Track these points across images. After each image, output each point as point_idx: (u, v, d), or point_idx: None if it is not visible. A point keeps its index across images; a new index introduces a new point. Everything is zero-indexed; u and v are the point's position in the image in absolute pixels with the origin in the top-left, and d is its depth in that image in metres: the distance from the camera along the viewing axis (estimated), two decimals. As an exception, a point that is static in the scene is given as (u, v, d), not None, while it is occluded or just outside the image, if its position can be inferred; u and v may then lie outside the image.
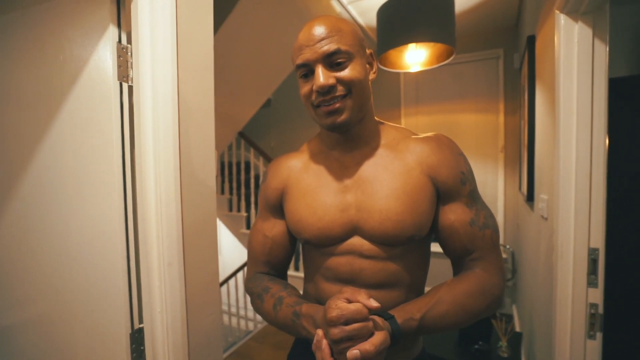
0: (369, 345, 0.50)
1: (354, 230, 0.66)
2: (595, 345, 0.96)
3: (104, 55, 0.80)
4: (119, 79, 0.80)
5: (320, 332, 0.54)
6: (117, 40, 0.80)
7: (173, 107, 0.82)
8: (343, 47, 0.60)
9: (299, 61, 0.63)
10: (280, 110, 4.13)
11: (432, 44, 2.01)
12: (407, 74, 3.36)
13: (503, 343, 1.65)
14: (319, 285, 0.70)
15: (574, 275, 0.96)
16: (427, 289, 0.71)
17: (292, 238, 0.77)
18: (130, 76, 0.82)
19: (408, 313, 0.58)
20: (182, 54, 0.85)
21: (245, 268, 3.37)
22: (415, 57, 2.10)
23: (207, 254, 0.91)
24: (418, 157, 0.66)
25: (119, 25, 0.82)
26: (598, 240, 0.94)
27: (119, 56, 0.80)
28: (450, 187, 0.65)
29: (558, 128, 0.98)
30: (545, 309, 1.29)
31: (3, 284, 1.01)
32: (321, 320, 0.55)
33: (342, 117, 0.62)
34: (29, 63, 0.90)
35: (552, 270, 1.06)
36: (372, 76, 0.68)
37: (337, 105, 0.61)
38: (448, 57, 1.88)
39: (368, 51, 0.68)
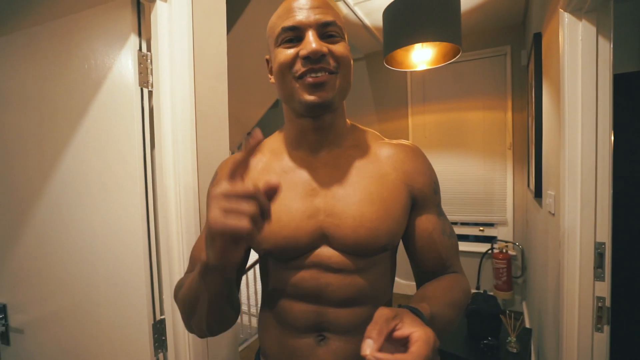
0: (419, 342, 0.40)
1: (322, 238, 0.58)
2: (602, 338, 0.98)
3: (126, 62, 0.85)
4: (140, 85, 0.85)
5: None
6: (137, 48, 0.85)
7: (190, 110, 0.86)
8: (338, 22, 0.55)
9: (288, 23, 0.53)
10: (288, 110, 4.17)
11: (438, 42, 2.03)
12: (413, 73, 3.37)
13: (512, 338, 1.66)
14: (280, 305, 0.61)
15: (580, 269, 0.98)
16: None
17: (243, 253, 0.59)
18: (150, 82, 0.87)
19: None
20: (198, 60, 0.90)
21: (256, 266, 3.43)
22: (421, 56, 2.12)
23: (224, 250, 0.95)
24: (393, 163, 0.61)
25: (139, 34, 0.87)
26: (604, 234, 0.96)
27: (139, 63, 0.85)
28: (426, 195, 0.62)
29: (563, 124, 1.00)
30: (554, 304, 1.31)
31: (34, 278, 1.08)
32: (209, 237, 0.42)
33: (327, 94, 0.54)
34: (57, 72, 0.96)
35: (559, 265, 1.07)
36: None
37: (324, 77, 0.53)
38: (454, 56, 1.89)
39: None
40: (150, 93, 0.88)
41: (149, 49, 0.88)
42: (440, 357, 1.99)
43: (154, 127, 0.88)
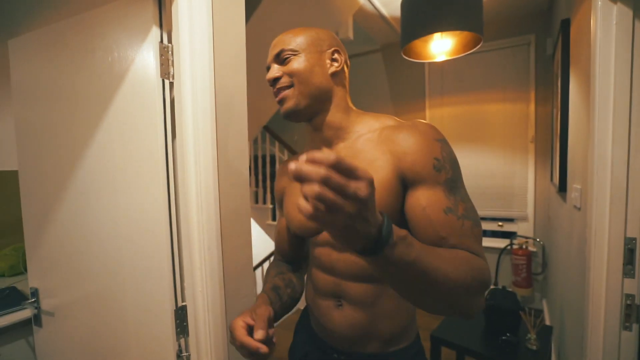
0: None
1: None
2: (631, 337, 0.94)
3: (148, 54, 0.86)
4: (161, 76, 0.86)
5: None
6: (159, 40, 0.87)
7: (211, 101, 0.87)
8: (287, 47, 0.69)
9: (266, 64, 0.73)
10: (303, 104, 4.17)
11: (458, 32, 1.97)
12: (431, 64, 3.29)
13: (532, 335, 1.63)
14: (312, 272, 0.77)
15: (608, 266, 0.94)
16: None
17: (290, 233, 0.82)
18: (172, 73, 0.88)
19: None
20: (217, 51, 0.90)
21: (272, 258, 3.48)
22: (440, 46, 2.06)
23: (242, 239, 0.97)
24: (388, 147, 0.64)
25: (160, 26, 0.88)
26: (635, 229, 0.92)
27: (161, 55, 0.86)
28: (418, 172, 0.61)
29: (593, 115, 0.96)
30: (577, 301, 1.27)
31: (63, 264, 1.12)
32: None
33: (287, 105, 0.68)
34: (82, 65, 0.99)
35: (585, 261, 1.04)
36: (332, 69, 0.70)
37: (282, 94, 0.68)
38: (475, 46, 1.83)
39: (331, 49, 0.71)
40: (171, 84, 0.89)
41: (169, 41, 0.89)
42: (457, 351, 1.97)
43: (174, 118, 0.89)
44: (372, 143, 0.67)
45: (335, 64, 0.70)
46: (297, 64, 0.67)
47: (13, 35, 1.15)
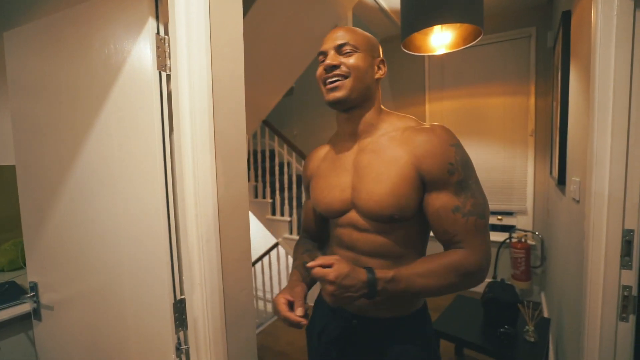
0: (334, 269, 0.64)
1: (351, 205, 0.79)
2: (627, 328, 0.95)
3: (144, 46, 0.85)
4: (158, 69, 0.86)
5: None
6: (155, 31, 0.86)
7: (208, 93, 0.86)
8: (351, 42, 0.76)
9: (320, 49, 0.79)
10: (302, 98, 4.15)
11: (458, 25, 1.95)
12: (431, 57, 3.27)
13: (530, 327, 1.64)
14: (333, 249, 0.87)
15: (606, 257, 0.94)
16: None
17: (317, 213, 0.93)
18: (168, 65, 0.87)
19: (385, 269, 0.69)
20: (215, 43, 0.89)
21: (271, 253, 3.49)
22: (440, 39, 2.04)
23: (241, 232, 0.97)
24: (409, 147, 0.73)
25: (157, 18, 0.87)
26: (633, 221, 0.92)
27: (157, 47, 0.86)
28: (435, 176, 0.70)
29: (593, 107, 0.95)
30: (575, 293, 1.27)
31: (62, 259, 1.13)
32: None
33: (339, 93, 0.75)
34: (79, 58, 0.98)
35: (583, 253, 1.04)
36: (378, 75, 0.80)
37: (337, 83, 0.75)
38: (475, 38, 1.82)
39: (380, 58, 0.81)
40: (168, 77, 0.88)
41: (166, 33, 0.88)
42: (456, 343, 1.99)
43: (172, 111, 0.89)
44: (395, 141, 0.76)
45: (380, 72, 0.81)
46: (358, 60, 0.75)
47: (8, 27, 1.14)
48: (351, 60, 0.75)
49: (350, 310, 0.81)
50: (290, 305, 0.75)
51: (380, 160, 0.75)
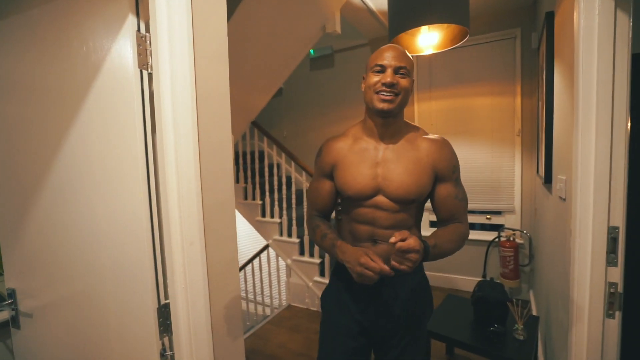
0: (413, 240, 0.81)
1: (379, 191, 1.01)
2: (614, 324, 0.96)
3: (125, 44, 0.83)
4: (139, 67, 0.83)
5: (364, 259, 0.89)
6: (136, 29, 0.83)
7: (191, 92, 0.84)
8: (407, 66, 0.96)
9: (379, 62, 0.96)
10: (292, 99, 4.14)
11: (445, 25, 1.97)
12: (419, 58, 3.30)
13: (519, 326, 1.65)
14: (353, 225, 1.07)
15: (592, 254, 0.95)
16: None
17: (332, 195, 1.11)
18: (150, 64, 0.85)
19: (431, 241, 0.91)
20: (198, 41, 0.87)
21: (261, 255, 3.45)
22: (428, 40, 2.05)
23: (227, 234, 0.94)
24: (427, 151, 1.00)
25: (137, 15, 0.84)
26: (618, 218, 0.93)
27: (138, 45, 0.83)
28: (445, 174, 1.01)
29: (577, 105, 0.96)
30: (562, 291, 1.28)
31: (41, 264, 1.08)
32: (348, 255, 0.94)
33: (391, 106, 0.95)
34: (57, 55, 0.94)
35: (570, 250, 1.05)
36: (411, 93, 1.01)
37: (390, 97, 0.94)
38: (462, 39, 1.84)
39: (414, 80, 1.10)
40: (150, 75, 0.86)
41: (147, 30, 0.85)
42: (447, 343, 1.99)
43: (154, 110, 0.86)
44: (414, 145, 1.01)
45: (412, 89, 1.00)
46: (408, 83, 0.96)
47: (-18, 25, 1.10)
48: (404, 82, 0.95)
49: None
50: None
51: (406, 159, 0.99)
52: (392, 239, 0.81)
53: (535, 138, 2.61)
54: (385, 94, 0.94)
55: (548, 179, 1.68)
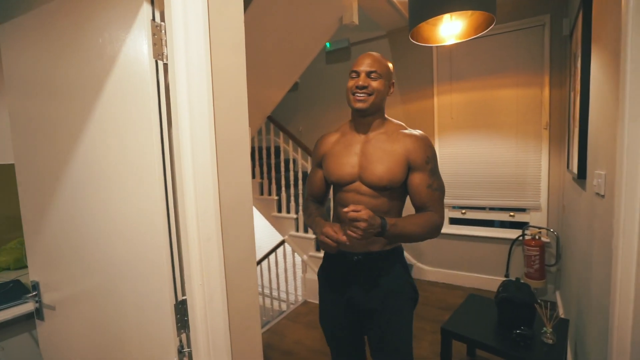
0: (364, 212, 0.94)
1: (357, 178, 1.14)
2: (660, 332, 0.87)
3: (139, 34, 0.80)
4: (154, 57, 0.81)
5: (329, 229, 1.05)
6: (151, 18, 0.81)
7: (207, 83, 0.81)
8: (378, 70, 1.10)
9: (354, 68, 1.12)
10: (307, 93, 4.09)
11: (469, 13, 1.87)
12: (439, 49, 3.18)
13: (548, 329, 1.57)
14: (338, 209, 1.21)
15: (638, 256, 0.87)
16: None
17: (324, 181, 1.28)
18: (165, 54, 0.82)
19: (392, 220, 1.02)
20: (214, 30, 0.84)
21: (277, 250, 3.45)
22: (450, 29, 1.96)
23: (244, 230, 0.92)
24: (402, 143, 1.11)
25: (152, 3, 0.82)
26: (668, 217, 0.84)
27: (153, 34, 0.81)
28: (418, 164, 1.09)
29: (624, 94, 0.88)
30: (600, 294, 1.20)
31: (63, 258, 1.09)
32: (319, 228, 1.11)
33: (365, 105, 1.10)
34: (72, 50, 0.94)
35: (610, 252, 0.97)
36: (388, 94, 1.16)
37: (363, 97, 1.10)
38: (488, 27, 1.74)
39: (391, 81, 1.15)
40: (165, 66, 0.83)
41: (162, 19, 0.83)
42: (468, 344, 1.92)
43: (170, 105, 0.84)
44: (391, 138, 1.13)
45: (390, 91, 1.16)
46: (380, 85, 1.10)
47: (4, 20, 1.10)
48: (375, 84, 1.09)
49: (352, 250, 1.14)
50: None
51: (381, 150, 1.11)
52: (346, 209, 0.94)
53: (565, 131, 2.47)
54: (359, 95, 1.09)
55: (582, 175, 1.57)
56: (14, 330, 1.24)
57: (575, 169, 1.73)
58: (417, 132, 1.13)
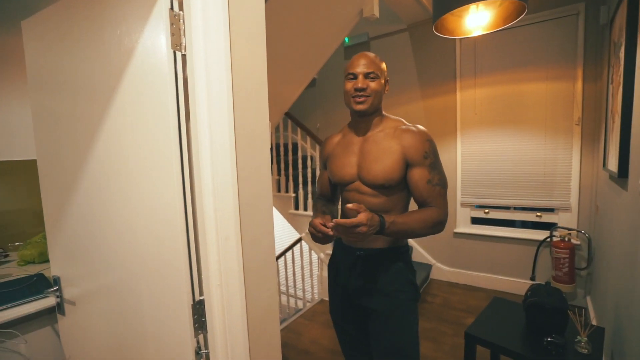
0: (363, 215, 0.93)
1: (357, 177, 1.15)
2: None
3: (157, 24, 0.78)
4: (172, 48, 0.77)
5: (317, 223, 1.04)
6: (169, 7, 0.78)
7: (227, 74, 0.78)
8: (376, 71, 1.09)
9: (350, 70, 1.11)
10: (325, 90, 4.04)
11: (498, 2, 1.77)
12: (463, 42, 3.06)
13: (583, 338, 1.46)
14: (344, 207, 1.16)
15: (698, 264, 0.78)
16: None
17: (331, 182, 1.29)
18: (184, 44, 0.79)
19: (390, 218, 1.01)
20: (234, 19, 0.80)
21: (294, 248, 3.43)
22: (475, 20, 1.87)
23: (264, 228, 0.88)
24: (399, 139, 1.09)
25: (170, -9, 0.78)
26: None
27: (171, 24, 0.77)
28: (416, 159, 1.07)
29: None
30: (644, 302, 1.10)
31: (83, 253, 1.09)
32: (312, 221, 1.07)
33: (365, 106, 1.10)
34: (91, 43, 0.92)
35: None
36: (384, 92, 1.15)
37: (363, 99, 1.10)
38: (518, 16, 1.64)
39: (386, 79, 1.16)
40: (183, 58, 0.80)
41: (180, 8, 0.80)
42: (492, 349, 1.84)
43: (188, 98, 0.81)
44: (389, 136, 1.12)
45: (386, 89, 1.16)
46: (377, 85, 1.10)
47: (26, 15, 1.11)
48: (374, 85, 1.09)
49: (356, 247, 1.16)
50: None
51: (378, 148, 1.11)
52: (348, 205, 0.95)
53: (601, 127, 2.31)
54: (358, 97, 1.09)
55: (623, 173, 1.45)
56: (37, 323, 1.26)
57: (614, 168, 1.61)
58: (415, 126, 1.11)
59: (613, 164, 1.64)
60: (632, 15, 1.35)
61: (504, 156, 2.92)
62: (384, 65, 1.14)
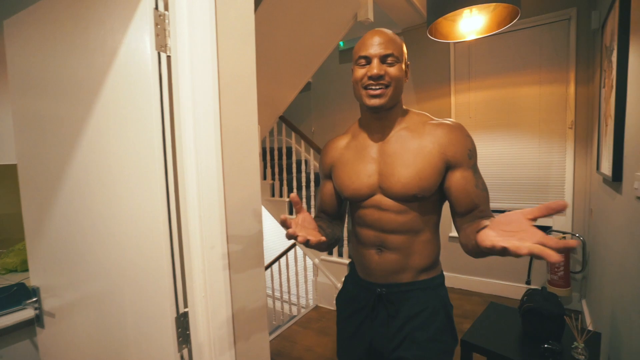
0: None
1: (376, 189, 0.89)
2: None
3: (141, 23, 0.75)
4: (157, 49, 0.74)
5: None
6: (154, 6, 0.75)
7: (213, 76, 0.75)
8: (395, 52, 0.82)
9: (362, 53, 0.82)
10: (320, 93, 4.02)
11: (491, 7, 1.77)
12: (457, 46, 3.06)
13: (580, 344, 1.44)
14: (355, 228, 0.96)
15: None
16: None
17: (335, 196, 1.01)
18: (169, 45, 0.76)
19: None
20: (221, 20, 0.77)
21: (288, 253, 3.39)
22: (469, 24, 1.87)
23: (252, 236, 0.85)
24: (432, 137, 0.84)
25: (154, -10, 0.76)
26: None
27: (156, 24, 0.74)
28: (458, 159, 0.83)
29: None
30: (642, 309, 1.08)
31: (63, 263, 1.05)
32: None
33: (382, 101, 0.82)
34: (74, 43, 0.89)
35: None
36: (406, 78, 0.88)
37: (380, 91, 0.82)
38: (511, 21, 1.64)
39: (406, 62, 0.88)
40: (168, 59, 0.77)
41: (166, 9, 0.77)
42: (487, 357, 1.81)
43: (172, 100, 0.78)
44: (417, 133, 0.86)
45: (407, 75, 0.88)
46: (398, 71, 0.83)
47: (8, 15, 1.07)
48: (394, 71, 0.82)
49: (373, 281, 0.93)
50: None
51: (405, 149, 0.85)
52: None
53: (594, 131, 2.32)
54: (373, 88, 0.82)
55: (617, 177, 1.45)
56: (15, 337, 1.20)
57: (607, 171, 1.60)
58: (449, 120, 0.87)
59: (607, 168, 1.64)
60: (623, 20, 1.35)
61: (499, 160, 2.92)
62: (403, 45, 0.86)
